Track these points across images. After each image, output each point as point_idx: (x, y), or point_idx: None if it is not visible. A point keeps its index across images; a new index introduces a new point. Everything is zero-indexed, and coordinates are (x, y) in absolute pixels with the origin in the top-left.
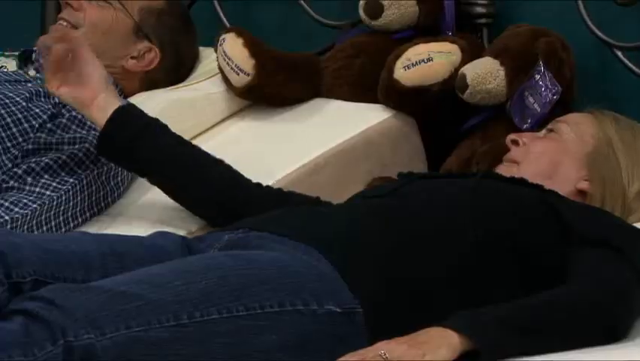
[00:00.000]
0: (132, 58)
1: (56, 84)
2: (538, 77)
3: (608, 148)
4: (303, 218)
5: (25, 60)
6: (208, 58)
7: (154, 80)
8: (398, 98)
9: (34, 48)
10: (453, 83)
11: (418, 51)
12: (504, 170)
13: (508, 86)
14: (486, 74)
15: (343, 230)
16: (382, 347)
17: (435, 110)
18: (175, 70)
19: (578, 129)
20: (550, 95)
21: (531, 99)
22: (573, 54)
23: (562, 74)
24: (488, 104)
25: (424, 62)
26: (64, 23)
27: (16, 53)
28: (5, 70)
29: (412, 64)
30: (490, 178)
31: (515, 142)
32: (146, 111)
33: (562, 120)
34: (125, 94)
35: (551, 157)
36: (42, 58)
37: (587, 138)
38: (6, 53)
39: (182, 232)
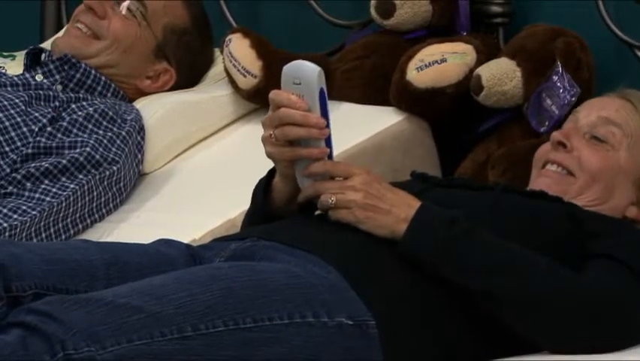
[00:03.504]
0: (147, 78)
1: None
2: (555, 78)
3: None
4: (314, 227)
5: (32, 62)
6: (215, 59)
7: (162, 93)
8: (411, 100)
9: (42, 47)
10: (467, 84)
11: (431, 52)
12: (555, 179)
13: (524, 88)
14: (502, 75)
15: (355, 241)
16: (342, 187)
17: (449, 113)
18: (186, 84)
19: (630, 140)
20: (568, 96)
21: (549, 101)
22: (592, 54)
23: (580, 74)
24: (504, 107)
25: (438, 63)
26: (84, 28)
27: (15, 53)
28: (4, 71)
29: (425, 65)
30: (508, 192)
31: (563, 145)
32: (150, 113)
33: (613, 122)
34: (129, 99)
35: (608, 178)
36: None
37: (638, 155)
38: (5, 53)
39: (185, 239)
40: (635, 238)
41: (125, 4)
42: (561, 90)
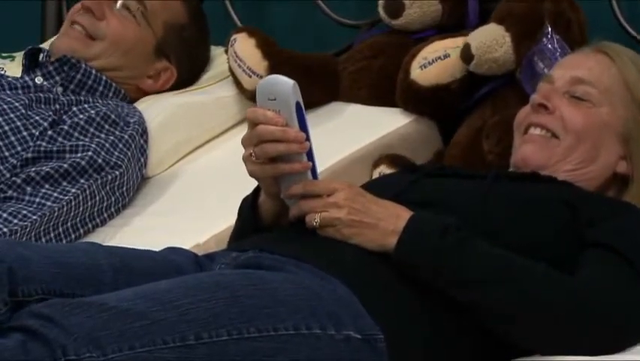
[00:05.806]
0: (149, 77)
1: None
2: (546, 40)
3: None
4: (315, 240)
5: (30, 63)
6: (218, 59)
7: (164, 90)
8: (417, 100)
9: (40, 47)
10: (471, 79)
11: (433, 49)
12: (540, 144)
13: (515, 53)
14: (491, 41)
15: (357, 254)
16: (325, 205)
17: (454, 109)
18: (187, 80)
19: (609, 95)
20: (560, 58)
21: (541, 64)
22: (583, 13)
23: (571, 34)
24: (497, 74)
25: (441, 59)
26: (80, 29)
27: (15, 54)
28: (3, 72)
29: (429, 62)
30: (501, 180)
31: (544, 107)
32: (153, 116)
33: (586, 82)
34: (130, 100)
35: (594, 136)
36: None
37: (620, 108)
38: (4, 54)
39: (189, 243)
40: (634, 223)
41: (122, 3)
42: (552, 52)
